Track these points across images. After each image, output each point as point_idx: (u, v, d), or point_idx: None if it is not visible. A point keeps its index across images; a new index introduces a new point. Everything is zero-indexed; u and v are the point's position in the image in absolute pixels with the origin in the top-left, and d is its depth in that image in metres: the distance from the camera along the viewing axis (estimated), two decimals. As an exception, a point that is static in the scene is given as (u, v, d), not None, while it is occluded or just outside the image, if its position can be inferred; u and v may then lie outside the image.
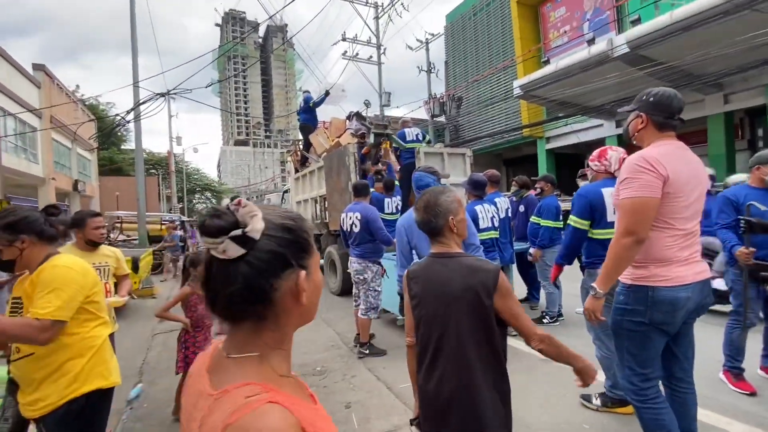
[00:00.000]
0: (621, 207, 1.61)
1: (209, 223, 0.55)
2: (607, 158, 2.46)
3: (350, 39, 17.77)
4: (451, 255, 1.35)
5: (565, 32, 14.41)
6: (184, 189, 30.40)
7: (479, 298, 1.25)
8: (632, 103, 1.76)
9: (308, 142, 7.10)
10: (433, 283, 1.33)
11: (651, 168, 1.54)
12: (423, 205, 1.37)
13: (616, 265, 1.61)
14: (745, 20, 7.11)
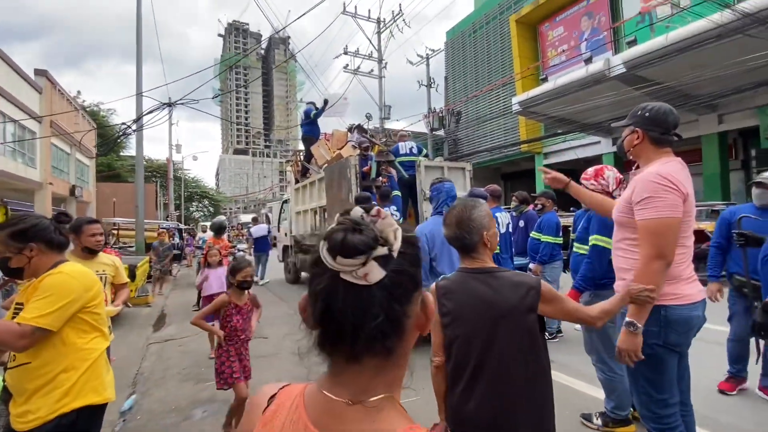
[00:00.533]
0: (645, 229, 1.52)
1: (350, 239, 0.44)
2: (604, 178, 2.38)
3: (352, 53, 18.03)
4: (489, 270, 1.30)
5: (563, 51, 14.69)
6: (182, 196, 30.37)
7: (526, 315, 1.23)
8: (627, 118, 1.72)
9: (309, 153, 7.16)
10: (473, 299, 1.27)
11: (674, 187, 1.49)
12: (455, 221, 1.32)
13: None
14: (738, 43, 7.30)
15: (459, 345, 1.29)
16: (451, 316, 1.30)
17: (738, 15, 6.55)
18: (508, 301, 1.24)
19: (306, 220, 6.98)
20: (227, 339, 2.53)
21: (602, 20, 13.61)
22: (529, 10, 14.84)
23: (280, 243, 9.09)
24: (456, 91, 19.30)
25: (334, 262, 0.45)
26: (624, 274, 1.66)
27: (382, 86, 18.40)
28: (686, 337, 1.59)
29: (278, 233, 9.38)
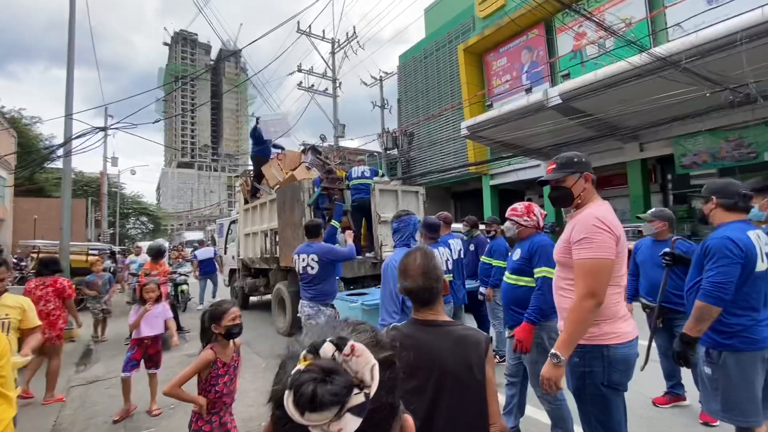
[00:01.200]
0: (581, 268, 1.60)
1: (321, 393, 0.39)
2: (535, 214, 2.57)
3: (306, 71, 18.00)
4: (439, 323, 1.26)
5: (506, 81, 15.71)
6: (117, 213, 27.96)
7: (472, 373, 1.18)
8: (563, 168, 1.81)
9: (260, 173, 6.91)
10: (422, 353, 1.21)
11: (607, 229, 1.59)
12: (422, 271, 1.26)
13: (577, 328, 1.57)
14: (655, 83, 8.23)
15: (404, 403, 1.23)
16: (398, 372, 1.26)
17: (653, 58, 7.40)
18: (453, 357, 1.20)
19: (255, 242, 6.69)
20: (210, 408, 2.04)
21: (540, 54, 14.80)
22: (475, 41, 15.79)
23: (226, 266, 8.62)
24: (408, 112, 19.88)
25: (302, 418, 0.39)
26: (565, 313, 1.71)
27: (336, 105, 18.49)
28: (627, 375, 1.63)
29: (225, 255, 8.89)
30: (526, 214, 2.54)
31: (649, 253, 3.21)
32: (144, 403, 3.64)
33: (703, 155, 10.80)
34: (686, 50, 7.37)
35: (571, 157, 1.83)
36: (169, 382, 1.98)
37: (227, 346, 2.09)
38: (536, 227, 2.54)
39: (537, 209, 2.60)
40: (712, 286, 1.82)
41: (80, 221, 22.93)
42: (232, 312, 2.04)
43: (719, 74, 7.41)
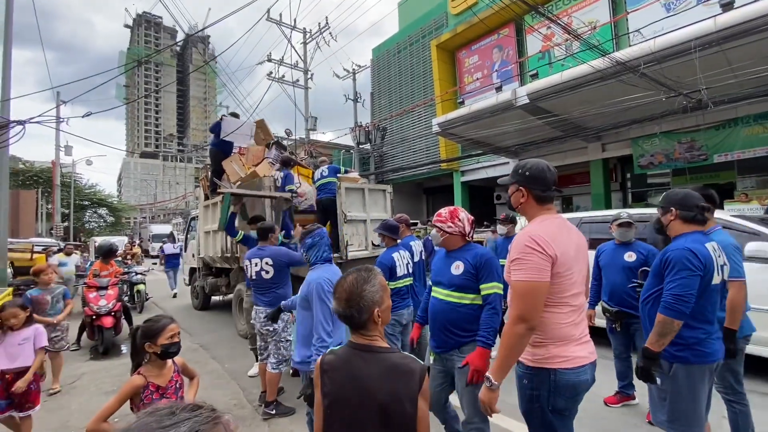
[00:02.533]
0: (513, 289, 1.56)
1: None
2: (460, 219, 2.20)
3: (276, 61, 17.47)
4: (374, 349, 1.20)
5: (477, 79, 15.87)
6: (71, 205, 26.27)
7: (403, 407, 1.12)
8: (510, 176, 1.78)
9: (220, 168, 6.59)
10: (353, 382, 1.17)
11: (539, 249, 1.50)
12: (346, 296, 1.22)
13: (510, 353, 1.52)
14: (616, 86, 8.52)
15: (335, 430, 1.17)
16: (331, 399, 1.19)
17: (613, 62, 7.63)
18: (384, 388, 1.14)
19: (216, 240, 6.41)
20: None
21: (510, 53, 15.03)
22: (448, 37, 15.82)
23: (186, 265, 8.26)
24: (381, 107, 19.75)
25: None
26: None
27: (307, 97, 18.08)
28: (573, 402, 1.58)
29: (185, 253, 8.52)
30: (450, 220, 2.20)
31: (611, 257, 3.26)
32: (82, 417, 3.39)
33: (659, 156, 11.35)
34: (644, 56, 7.64)
35: (519, 166, 1.74)
36: (92, 418, 1.70)
37: (163, 366, 1.88)
38: (462, 234, 2.18)
39: (463, 214, 2.25)
40: (673, 299, 1.77)
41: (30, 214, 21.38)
42: (170, 329, 1.84)
43: (674, 80, 7.74)
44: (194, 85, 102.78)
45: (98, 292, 5.25)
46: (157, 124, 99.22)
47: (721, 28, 7.22)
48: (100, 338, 5.10)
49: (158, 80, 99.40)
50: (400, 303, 3.16)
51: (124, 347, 5.48)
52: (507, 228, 3.69)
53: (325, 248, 2.44)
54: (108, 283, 5.34)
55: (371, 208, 5.49)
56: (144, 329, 1.85)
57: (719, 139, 10.24)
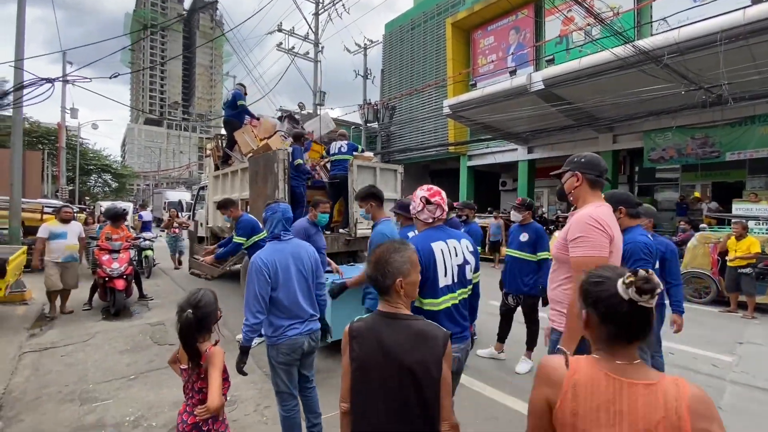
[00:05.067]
0: (576, 265, 1.68)
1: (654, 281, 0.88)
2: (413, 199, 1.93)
3: (287, 31, 17.08)
4: (399, 317, 1.26)
5: (492, 61, 15.54)
6: (76, 169, 26.25)
7: (429, 370, 1.18)
8: (564, 166, 1.93)
9: (232, 139, 6.59)
10: (379, 348, 1.22)
11: (602, 228, 1.66)
12: (374, 260, 1.29)
13: (576, 323, 1.57)
14: (635, 76, 8.35)
15: (363, 394, 1.25)
16: (358, 363, 1.26)
17: (636, 51, 7.45)
18: (410, 353, 1.19)
19: (226, 211, 6.47)
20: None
21: (527, 36, 14.65)
22: (464, 16, 15.40)
23: (194, 234, 8.34)
24: (391, 85, 19.42)
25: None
26: (556, 306, 1.88)
27: (317, 70, 17.77)
28: None
29: (192, 222, 8.60)
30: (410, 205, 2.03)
31: None
32: (99, 373, 3.53)
33: (670, 150, 11.22)
34: (668, 46, 7.46)
35: (574, 156, 1.91)
36: (214, 395, 1.62)
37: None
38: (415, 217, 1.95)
39: (419, 193, 1.91)
40: None
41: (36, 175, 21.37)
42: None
43: (696, 73, 7.58)
44: (201, 53, 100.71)
45: (111, 255, 5.34)
46: (162, 91, 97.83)
47: (749, 21, 7.01)
48: (112, 300, 5.23)
49: (164, 46, 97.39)
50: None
51: (136, 309, 5.62)
52: (523, 215, 3.66)
53: (277, 224, 2.28)
54: (120, 246, 5.43)
55: (382, 188, 5.46)
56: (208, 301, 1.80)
57: (734, 137, 10.10)
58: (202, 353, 1.72)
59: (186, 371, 1.76)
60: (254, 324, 2.09)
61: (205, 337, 1.77)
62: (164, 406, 2.93)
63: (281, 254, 2.22)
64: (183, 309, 1.73)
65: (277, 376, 2.21)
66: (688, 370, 3.79)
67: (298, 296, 2.22)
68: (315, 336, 2.30)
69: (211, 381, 1.65)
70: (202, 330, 1.74)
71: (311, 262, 2.33)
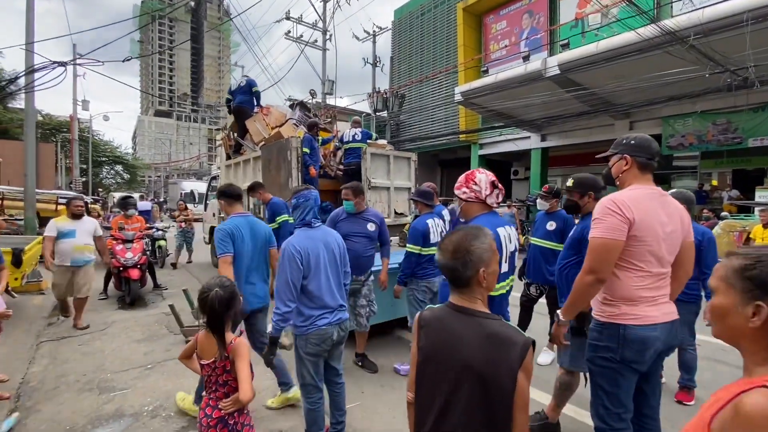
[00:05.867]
0: (589, 246, 1.69)
1: None
2: (476, 182, 1.90)
3: (295, 19, 16.86)
4: (473, 312, 1.14)
5: (505, 46, 15.16)
6: (89, 160, 26.57)
7: (500, 378, 1.04)
8: (612, 148, 1.87)
9: (243, 127, 6.51)
10: (446, 340, 1.13)
11: (618, 211, 1.62)
12: (452, 248, 1.15)
13: (577, 298, 1.73)
14: (657, 59, 8.04)
15: (425, 388, 1.17)
16: (424, 354, 1.18)
17: (661, 31, 7.14)
18: (480, 354, 1.08)
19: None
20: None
21: (541, 20, 14.23)
22: (476, 0, 15.01)
23: (207, 224, 8.35)
24: (401, 73, 19.11)
25: None
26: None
27: (325, 58, 17.56)
28: (642, 355, 1.66)
29: (206, 212, 8.60)
30: (465, 185, 1.91)
31: None
32: (116, 362, 3.53)
33: (690, 137, 10.85)
34: (692, 27, 7.14)
35: (622, 138, 1.84)
36: (246, 387, 1.59)
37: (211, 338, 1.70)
38: (478, 199, 1.88)
39: (481, 176, 1.91)
40: None
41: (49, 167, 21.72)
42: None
43: (721, 54, 7.25)
44: (208, 44, 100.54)
45: (125, 244, 5.35)
46: (171, 82, 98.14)
47: (779, -1, 6.66)
48: (127, 289, 5.25)
49: (172, 36, 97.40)
50: (434, 270, 3.15)
51: (151, 299, 5.64)
52: (550, 203, 3.50)
53: (308, 211, 2.19)
54: (134, 236, 5.44)
55: (395, 176, 5.41)
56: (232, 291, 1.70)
57: (757, 122, 9.71)
58: (227, 343, 1.66)
59: (208, 366, 1.69)
60: (285, 312, 2.02)
61: (229, 324, 1.69)
62: (181, 396, 2.91)
63: (312, 241, 2.15)
64: (210, 288, 1.65)
65: (303, 368, 2.14)
66: (716, 361, 3.66)
67: (330, 284, 2.16)
68: (344, 326, 2.24)
69: (241, 373, 1.59)
70: (229, 310, 1.66)
71: (340, 249, 2.27)
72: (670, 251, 1.70)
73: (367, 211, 3.25)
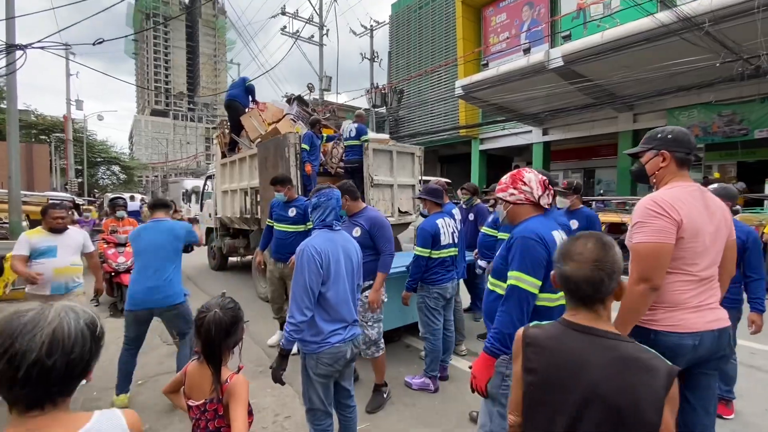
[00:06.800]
0: (634, 252, 1.54)
1: None
2: (526, 182, 1.69)
3: (290, 14, 16.55)
4: (599, 333, 0.99)
5: (505, 39, 14.90)
6: (84, 161, 26.23)
7: (641, 412, 0.88)
8: (645, 143, 1.71)
9: (238, 124, 6.26)
10: (566, 362, 0.97)
11: (664, 212, 1.50)
12: (594, 258, 0.99)
13: (630, 313, 1.51)
14: (666, 47, 7.80)
15: (541, 415, 1.01)
16: (536, 377, 1.02)
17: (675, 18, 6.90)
18: (615, 381, 0.90)
19: (234, 200, 6.19)
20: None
21: (542, 12, 13.97)
22: (475, -8, 14.74)
23: (203, 224, 8.12)
24: (399, 68, 18.83)
25: None
26: None
27: (322, 54, 17.26)
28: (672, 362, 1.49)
29: (201, 212, 8.36)
30: (512, 185, 1.70)
31: None
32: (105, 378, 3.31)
33: (695, 129, 10.62)
34: (701, 14, 6.91)
35: (656, 132, 1.68)
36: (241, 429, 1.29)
37: (204, 375, 1.39)
38: (529, 201, 1.67)
39: (531, 176, 1.71)
40: None
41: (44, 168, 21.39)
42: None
43: (734, 42, 7.02)
44: (204, 42, 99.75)
45: (117, 248, 5.12)
46: (167, 81, 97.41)
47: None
48: (119, 295, 5.02)
49: (167, 35, 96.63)
50: (445, 275, 2.91)
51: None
52: (570, 200, 3.22)
53: (330, 212, 1.98)
54: (126, 239, 5.20)
55: (399, 173, 5.17)
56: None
57: (763, 113, 9.50)
58: (223, 382, 1.34)
59: (197, 408, 1.36)
60: (301, 322, 1.77)
61: (227, 356, 1.41)
62: (174, 417, 2.69)
63: (333, 245, 1.91)
64: (208, 309, 1.38)
65: (312, 391, 1.88)
66: (751, 368, 3.45)
67: (347, 295, 1.92)
68: (357, 342, 2.00)
69: (236, 421, 1.28)
70: (229, 338, 1.38)
71: (358, 258, 2.03)
72: (717, 252, 1.58)
73: (362, 212, 2.81)
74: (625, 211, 9.17)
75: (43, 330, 0.74)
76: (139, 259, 2.92)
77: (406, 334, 4.07)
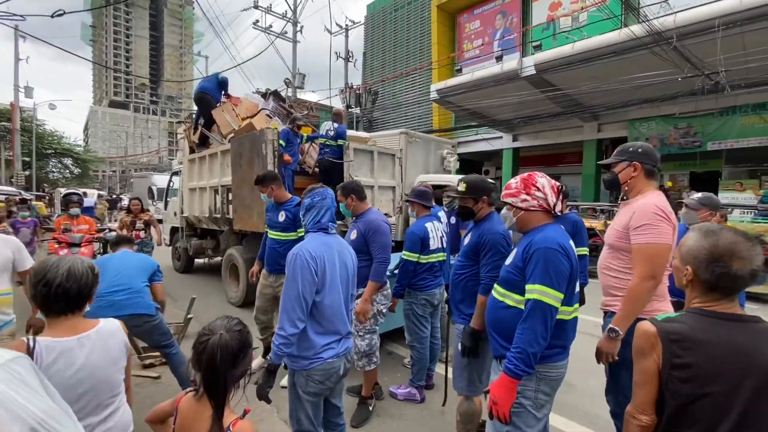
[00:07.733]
0: (641, 251, 1.72)
1: None
2: (539, 188, 1.61)
3: (263, 8, 16.09)
4: (745, 318, 1.05)
5: (478, 46, 15.18)
6: (33, 152, 24.28)
7: None
8: (617, 155, 1.94)
9: (210, 118, 5.94)
10: (733, 354, 1.00)
11: (666, 217, 1.73)
12: (755, 252, 1.04)
13: (635, 307, 1.70)
14: (632, 61, 8.17)
15: (706, 407, 1.00)
16: (693, 371, 1.02)
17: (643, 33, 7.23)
18: None
19: (203, 199, 5.86)
20: None
21: (514, 21, 14.35)
22: (450, -2, 14.93)
23: (167, 223, 7.66)
24: (374, 68, 18.77)
25: None
26: (615, 291, 1.87)
27: (296, 51, 16.89)
28: None
29: (165, 211, 7.89)
30: (524, 191, 1.60)
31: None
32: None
33: (653, 139, 11.23)
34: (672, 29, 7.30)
35: (628, 146, 1.91)
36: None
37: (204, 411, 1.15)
38: (543, 208, 1.59)
39: (544, 181, 1.62)
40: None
41: (-15, 159, 19.63)
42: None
43: (698, 58, 7.46)
44: (169, 32, 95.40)
45: (70, 249, 4.67)
46: (128, 72, 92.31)
47: (746, 8, 6.93)
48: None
49: (129, 23, 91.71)
50: (433, 281, 2.83)
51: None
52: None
53: (325, 213, 1.84)
54: (81, 240, 4.76)
55: (379, 174, 5.06)
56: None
57: (715, 126, 10.17)
58: (224, 427, 1.09)
59: None
60: (292, 335, 1.61)
61: (232, 390, 1.15)
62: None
63: (329, 249, 1.75)
64: (212, 332, 1.14)
65: (301, 411, 1.71)
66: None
67: (341, 306, 1.76)
68: (350, 356, 1.85)
69: None
70: (237, 368, 1.13)
71: (354, 266, 1.88)
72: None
73: (363, 214, 2.63)
74: (593, 217, 9.54)
75: (64, 266, 1.26)
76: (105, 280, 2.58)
77: (388, 340, 3.96)
